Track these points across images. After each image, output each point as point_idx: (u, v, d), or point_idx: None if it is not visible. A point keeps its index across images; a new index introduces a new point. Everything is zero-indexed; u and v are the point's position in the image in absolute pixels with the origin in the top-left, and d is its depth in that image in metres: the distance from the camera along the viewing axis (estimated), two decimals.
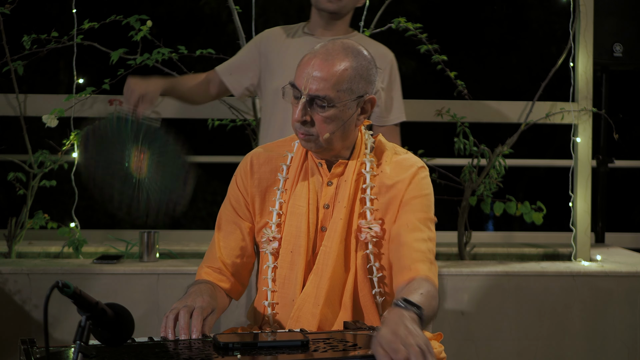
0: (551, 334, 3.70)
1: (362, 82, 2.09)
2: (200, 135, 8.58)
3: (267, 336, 1.87)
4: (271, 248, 2.18)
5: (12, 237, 3.92)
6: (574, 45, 4.06)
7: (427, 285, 2.01)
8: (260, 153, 2.25)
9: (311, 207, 2.16)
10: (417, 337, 1.71)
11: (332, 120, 2.08)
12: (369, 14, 4.04)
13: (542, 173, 9.13)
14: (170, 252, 4.13)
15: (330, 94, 2.05)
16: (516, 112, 4.12)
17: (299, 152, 2.21)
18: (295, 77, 2.09)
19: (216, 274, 2.21)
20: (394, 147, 2.25)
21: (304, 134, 2.10)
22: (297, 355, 1.75)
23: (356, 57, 2.09)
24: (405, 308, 1.81)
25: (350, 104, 2.09)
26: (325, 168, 2.18)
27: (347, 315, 2.14)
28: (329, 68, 2.05)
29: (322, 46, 2.10)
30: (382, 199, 2.16)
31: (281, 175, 2.20)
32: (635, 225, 8.81)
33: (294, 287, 2.15)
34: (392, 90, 3.20)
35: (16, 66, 3.98)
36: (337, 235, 2.13)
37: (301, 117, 2.07)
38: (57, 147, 3.98)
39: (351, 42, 2.13)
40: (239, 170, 2.25)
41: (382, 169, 2.18)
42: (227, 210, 2.25)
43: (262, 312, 2.20)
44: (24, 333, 3.56)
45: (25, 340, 1.77)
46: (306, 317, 2.11)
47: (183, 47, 4.02)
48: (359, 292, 2.16)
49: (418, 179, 2.17)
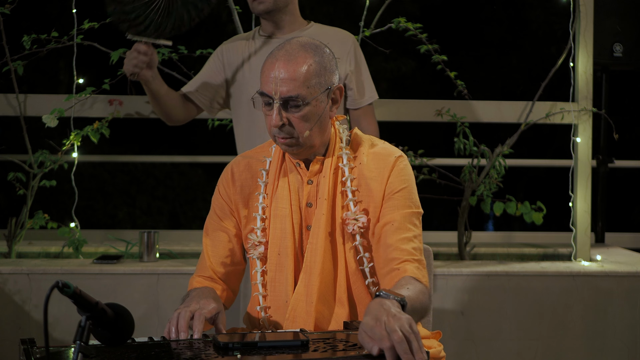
0: (551, 334, 3.70)
1: (327, 74, 2.12)
2: (200, 135, 8.59)
3: (268, 336, 1.87)
4: (257, 253, 2.19)
5: (12, 237, 3.92)
6: (574, 45, 4.06)
7: (414, 282, 2.03)
8: (239, 161, 2.28)
9: (294, 207, 2.18)
10: (400, 319, 1.70)
11: (309, 117, 2.10)
12: (369, 14, 4.04)
13: (542, 173, 9.13)
14: (170, 252, 4.13)
15: (302, 92, 2.08)
16: (516, 112, 4.12)
17: (277, 155, 2.23)
18: (262, 85, 2.10)
19: (208, 282, 2.22)
20: (370, 138, 2.26)
21: (284, 138, 2.11)
22: (297, 355, 1.75)
23: (316, 52, 2.11)
24: (386, 297, 1.81)
25: (322, 97, 2.11)
26: (304, 167, 2.20)
27: (343, 310, 2.14)
28: (294, 68, 2.07)
29: (280, 48, 2.12)
30: (363, 191, 2.17)
31: (261, 180, 2.22)
32: (635, 225, 8.81)
33: (285, 289, 2.16)
34: (359, 71, 3.20)
35: (16, 66, 3.98)
36: (321, 232, 2.14)
37: (279, 121, 2.08)
38: (57, 147, 3.98)
39: (306, 39, 2.16)
40: (221, 180, 2.28)
41: (360, 161, 2.19)
42: (212, 220, 2.27)
43: (256, 317, 2.20)
44: (24, 333, 3.56)
45: (25, 340, 1.77)
46: (301, 316, 2.11)
47: (183, 47, 4.02)
48: (352, 285, 2.16)
49: (398, 169, 2.18)
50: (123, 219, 9.20)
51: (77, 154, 3.97)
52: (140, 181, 9.41)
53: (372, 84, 3.27)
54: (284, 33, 3.17)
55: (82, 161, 4.13)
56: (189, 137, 9.12)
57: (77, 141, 3.95)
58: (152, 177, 9.45)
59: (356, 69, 3.18)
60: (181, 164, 9.38)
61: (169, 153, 9.26)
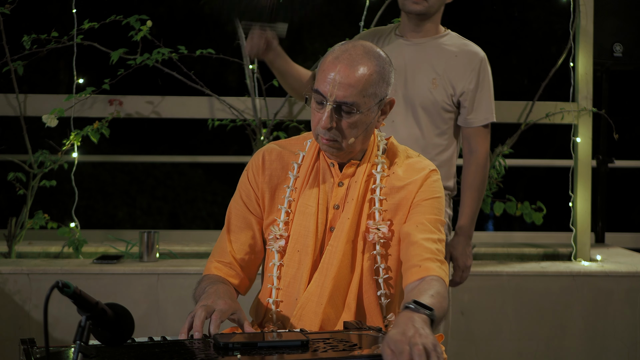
0: (551, 334, 3.70)
1: (383, 85, 2.10)
2: (200, 135, 8.59)
3: (267, 336, 1.87)
4: (278, 246, 2.18)
5: (12, 237, 3.92)
6: (574, 45, 4.06)
7: (437, 286, 2.01)
8: (272, 149, 2.25)
9: (321, 207, 2.16)
10: (425, 337, 1.70)
11: (357, 125, 2.08)
12: (369, 14, 4.04)
13: (542, 173, 9.12)
14: (170, 252, 4.12)
15: (358, 100, 2.06)
16: (516, 112, 4.12)
17: (311, 151, 2.20)
18: (319, 82, 2.08)
19: (226, 269, 2.19)
20: (405, 149, 2.25)
21: (328, 140, 2.10)
22: (297, 355, 1.75)
23: (377, 60, 2.09)
24: (416, 310, 1.80)
25: (374, 108, 2.10)
26: (337, 169, 2.18)
27: (349, 316, 2.13)
28: (354, 73, 2.05)
29: (344, 50, 2.09)
30: (391, 200, 2.16)
31: (292, 174, 2.20)
32: (635, 225, 8.80)
33: (298, 286, 2.15)
34: (479, 91, 3.13)
35: (16, 66, 3.98)
36: (343, 235, 2.13)
37: (328, 123, 2.07)
38: (57, 147, 3.98)
39: (369, 45, 2.13)
40: (251, 164, 2.24)
41: (393, 171, 2.18)
42: (237, 205, 2.24)
43: (265, 309, 2.19)
44: (24, 333, 3.56)
45: (25, 340, 1.77)
46: (309, 316, 2.11)
47: (183, 47, 4.02)
48: (364, 293, 2.15)
49: (430, 181, 2.17)
50: (123, 219, 9.19)
51: (77, 154, 3.97)
52: (140, 181, 9.40)
53: (492, 106, 3.17)
54: (419, 36, 3.15)
55: (82, 161, 4.13)
56: (189, 137, 9.11)
57: (77, 141, 3.95)
58: (152, 177, 9.44)
59: (476, 88, 3.12)
60: (181, 164, 9.37)
61: (169, 153, 9.25)
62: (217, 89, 4.18)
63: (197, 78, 4.07)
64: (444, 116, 3.10)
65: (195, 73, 4.08)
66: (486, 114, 3.15)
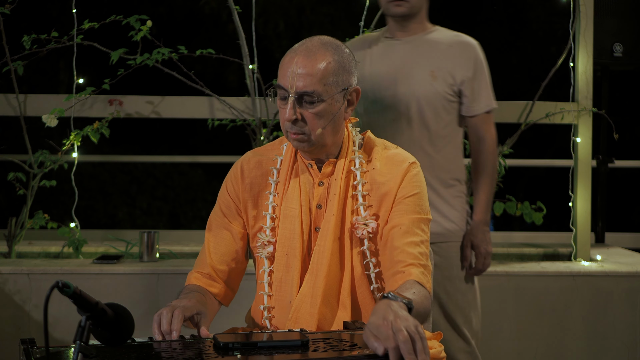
0: (551, 334, 3.70)
1: (345, 74, 2.12)
2: (200, 135, 8.59)
3: (267, 336, 1.87)
4: (266, 252, 2.19)
5: (12, 237, 3.92)
6: (574, 45, 4.06)
7: (419, 287, 2.03)
8: (250, 158, 2.26)
9: (304, 208, 2.17)
10: (405, 320, 1.71)
11: (323, 115, 2.10)
12: (369, 14, 4.04)
13: (542, 173, 9.12)
14: (170, 252, 4.12)
15: (318, 88, 2.08)
16: (516, 112, 4.12)
17: (288, 154, 2.22)
18: (280, 78, 2.11)
19: (206, 279, 2.22)
20: (383, 142, 2.26)
21: (295, 134, 2.11)
22: (297, 355, 1.75)
23: (336, 51, 2.12)
24: (394, 299, 1.81)
25: (338, 97, 2.11)
26: (316, 168, 2.19)
27: (346, 314, 2.14)
28: (312, 64, 2.08)
29: (302, 44, 2.13)
30: (374, 195, 2.17)
31: (272, 179, 2.21)
32: (635, 225, 8.80)
33: (290, 289, 2.15)
34: (477, 79, 3.16)
35: (16, 66, 3.98)
36: (329, 234, 2.13)
37: (292, 115, 2.08)
38: (57, 147, 3.98)
39: (328, 38, 2.16)
40: (229, 176, 2.26)
41: (373, 165, 2.19)
42: (216, 216, 2.26)
43: (259, 316, 2.20)
44: (24, 333, 3.56)
45: (25, 340, 1.77)
46: (304, 317, 2.11)
47: (183, 47, 4.02)
48: (357, 289, 2.16)
49: (410, 176, 2.17)
50: (123, 219, 9.19)
51: (77, 154, 3.97)
52: (140, 181, 9.40)
53: (491, 92, 3.22)
54: (408, 35, 3.17)
55: (82, 161, 4.13)
56: (189, 137, 9.11)
57: (77, 141, 3.95)
58: (152, 177, 9.44)
59: (474, 76, 3.15)
60: (181, 164, 9.37)
61: (169, 153, 9.25)
62: (217, 89, 4.18)
63: (197, 78, 4.07)
64: (447, 107, 3.14)
65: (195, 73, 4.07)
66: (487, 100, 3.20)
